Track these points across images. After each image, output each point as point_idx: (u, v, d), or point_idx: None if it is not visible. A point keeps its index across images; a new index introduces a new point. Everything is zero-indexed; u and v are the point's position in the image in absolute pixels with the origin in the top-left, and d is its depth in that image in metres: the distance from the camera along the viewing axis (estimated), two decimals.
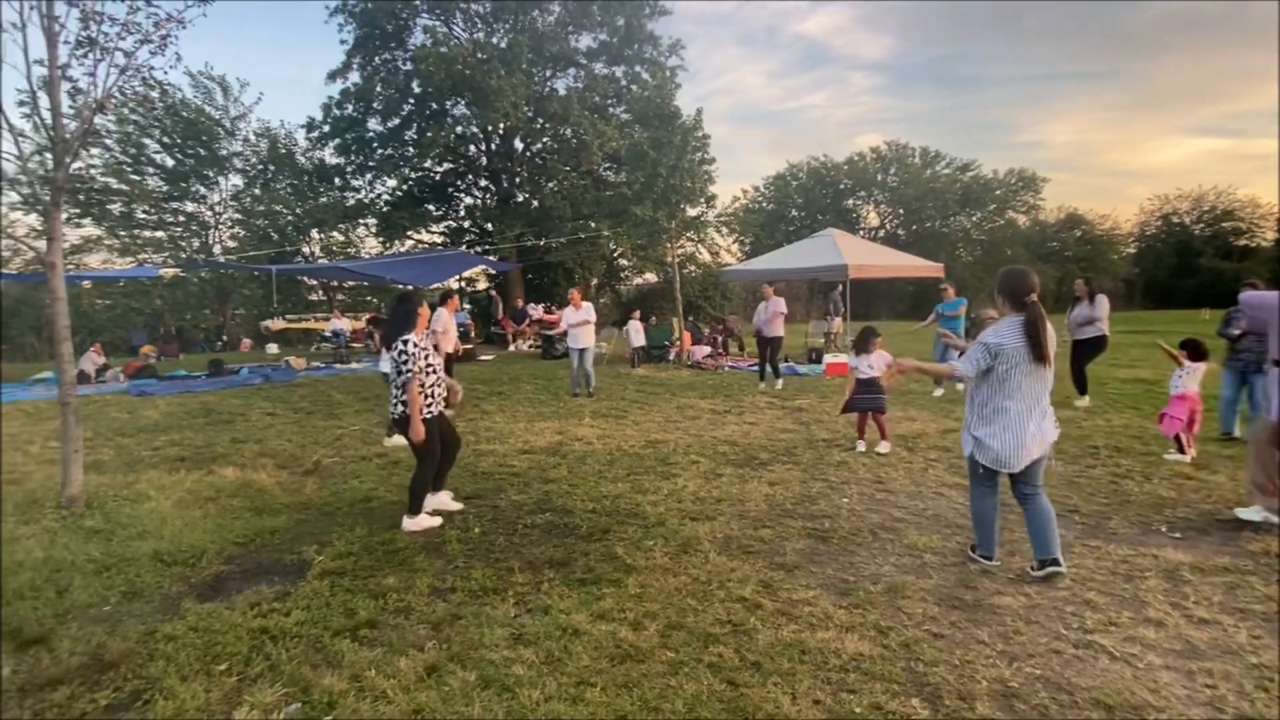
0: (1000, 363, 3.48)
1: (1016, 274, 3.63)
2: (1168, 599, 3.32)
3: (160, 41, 5.04)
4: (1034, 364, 3.46)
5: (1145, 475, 5.43)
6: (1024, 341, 3.44)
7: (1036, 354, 3.44)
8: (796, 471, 5.76)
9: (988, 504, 3.75)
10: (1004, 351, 3.47)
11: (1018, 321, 3.50)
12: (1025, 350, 3.45)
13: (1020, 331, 3.46)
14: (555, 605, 3.29)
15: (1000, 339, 3.49)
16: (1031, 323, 3.45)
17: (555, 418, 8.46)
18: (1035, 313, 3.46)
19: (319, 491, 5.45)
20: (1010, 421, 3.50)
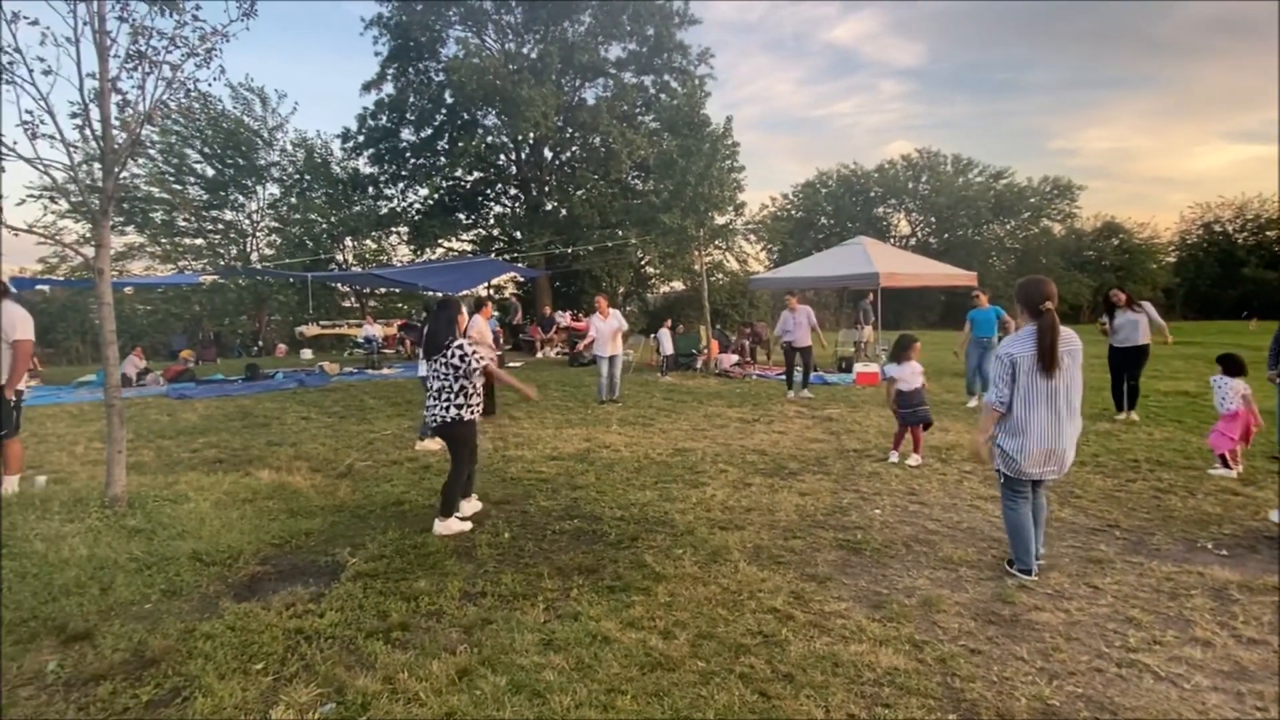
0: (1009, 370, 3.56)
1: (1031, 283, 3.64)
2: (1215, 618, 3.22)
3: (205, 54, 5.19)
4: (1042, 373, 3.48)
5: (1189, 490, 5.27)
6: (1034, 350, 3.48)
7: (1044, 362, 3.46)
8: (827, 482, 5.70)
9: (1018, 514, 3.71)
10: (1017, 361, 3.53)
11: (1032, 330, 3.54)
12: (1033, 359, 3.49)
13: (1032, 340, 3.50)
14: (585, 612, 3.29)
15: (1011, 349, 3.56)
16: (1043, 331, 3.47)
17: (583, 424, 8.49)
18: (1048, 321, 3.47)
19: (352, 494, 5.53)
20: (1022, 427, 3.54)
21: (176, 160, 24.23)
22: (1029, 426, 3.52)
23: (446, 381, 4.63)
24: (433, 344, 4.73)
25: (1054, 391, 3.50)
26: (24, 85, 4.67)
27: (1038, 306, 3.52)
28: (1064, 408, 3.52)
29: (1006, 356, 3.57)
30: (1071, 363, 3.53)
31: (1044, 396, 3.50)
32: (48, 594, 3.54)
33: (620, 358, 10.57)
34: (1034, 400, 3.51)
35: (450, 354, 4.60)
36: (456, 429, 4.66)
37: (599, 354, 10.46)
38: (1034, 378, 3.50)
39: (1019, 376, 3.53)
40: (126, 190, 21.87)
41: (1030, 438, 3.52)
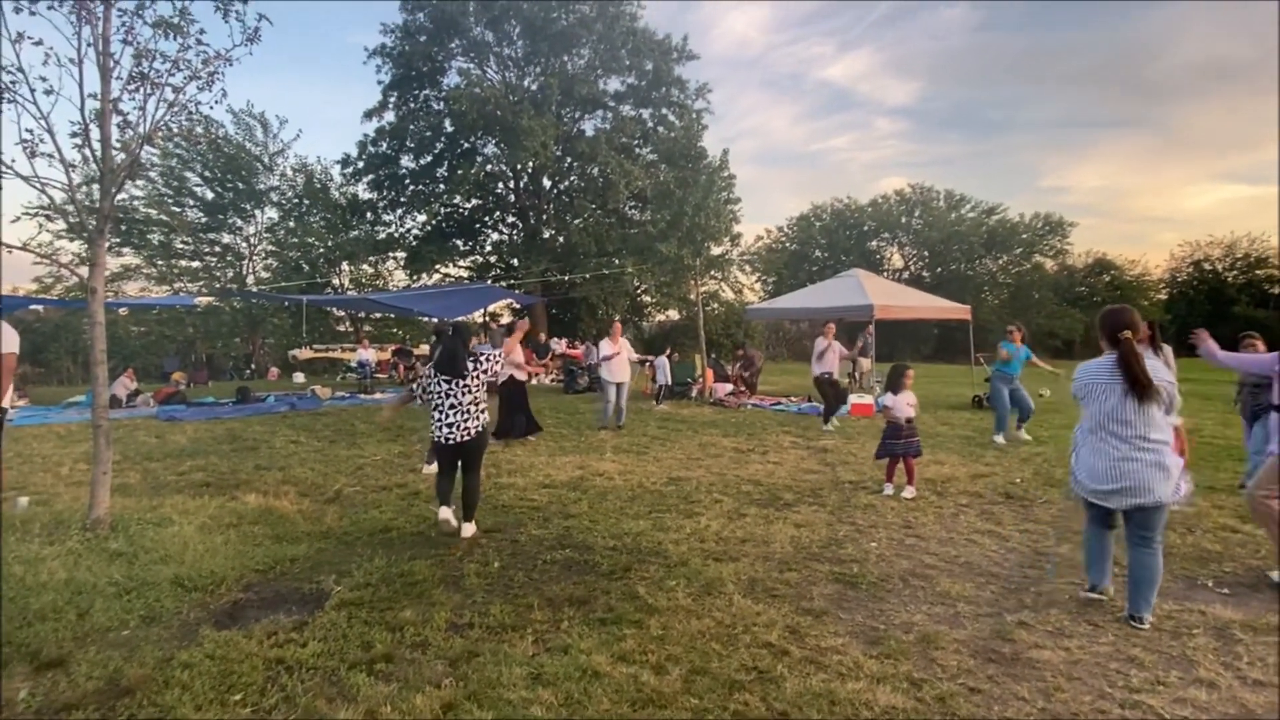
0: (1083, 396, 3.68)
1: (1107, 313, 3.74)
2: (1219, 658, 3.15)
3: (208, 78, 5.22)
4: (1122, 398, 3.52)
5: (1187, 527, 5.22)
6: (1110, 376, 3.56)
7: (1132, 387, 3.47)
8: (823, 513, 5.64)
9: (1090, 534, 3.83)
10: (1081, 385, 3.68)
11: (1110, 358, 3.61)
12: (1110, 385, 3.55)
13: (1109, 367, 3.57)
14: (575, 645, 3.20)
15: (1079, 375, 3.72)
16: (1123, 358, 3.52)
17: (576, 452, 8.41)
18: (1126, 349, 3.52)
19: (339, 521, 5.43)
20: (1088, 451, 3.65)
21: (176, 183, 24.37)
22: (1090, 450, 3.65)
23: (477, 395, 5.05)
24: (453, 366, 5.00)
25: (1122, 418, 3.52)
26: (25, 104, 4.69)
27: (1116, 335, 3.59)
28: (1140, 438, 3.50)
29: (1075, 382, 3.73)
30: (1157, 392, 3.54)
31: (1110, 422, 3.56)
32: (22, 619, 3.44)
33: (627, 385, 10.51)
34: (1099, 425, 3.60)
35: (481, 368, 5.05)
36: (483, 438, 5.14)
37: (606, 379, 10.37)
38: (1099, 403, 3.60)
39: (1088, 402, 3.65)
40: (124, 211, 21.93)
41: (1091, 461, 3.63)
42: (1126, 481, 3.50)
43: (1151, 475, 3.47)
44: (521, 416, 9.30)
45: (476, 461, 5.16)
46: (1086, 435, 3.68)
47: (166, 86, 5.06)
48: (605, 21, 23.18)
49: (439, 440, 5.01)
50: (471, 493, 5.07)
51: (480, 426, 5.05)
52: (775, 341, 33.66)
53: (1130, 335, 3.53)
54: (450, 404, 4.98)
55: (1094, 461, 3.60)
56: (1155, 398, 3.49)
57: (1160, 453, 3.50)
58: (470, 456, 5.11)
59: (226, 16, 5.22)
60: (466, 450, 5.05)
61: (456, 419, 4.97)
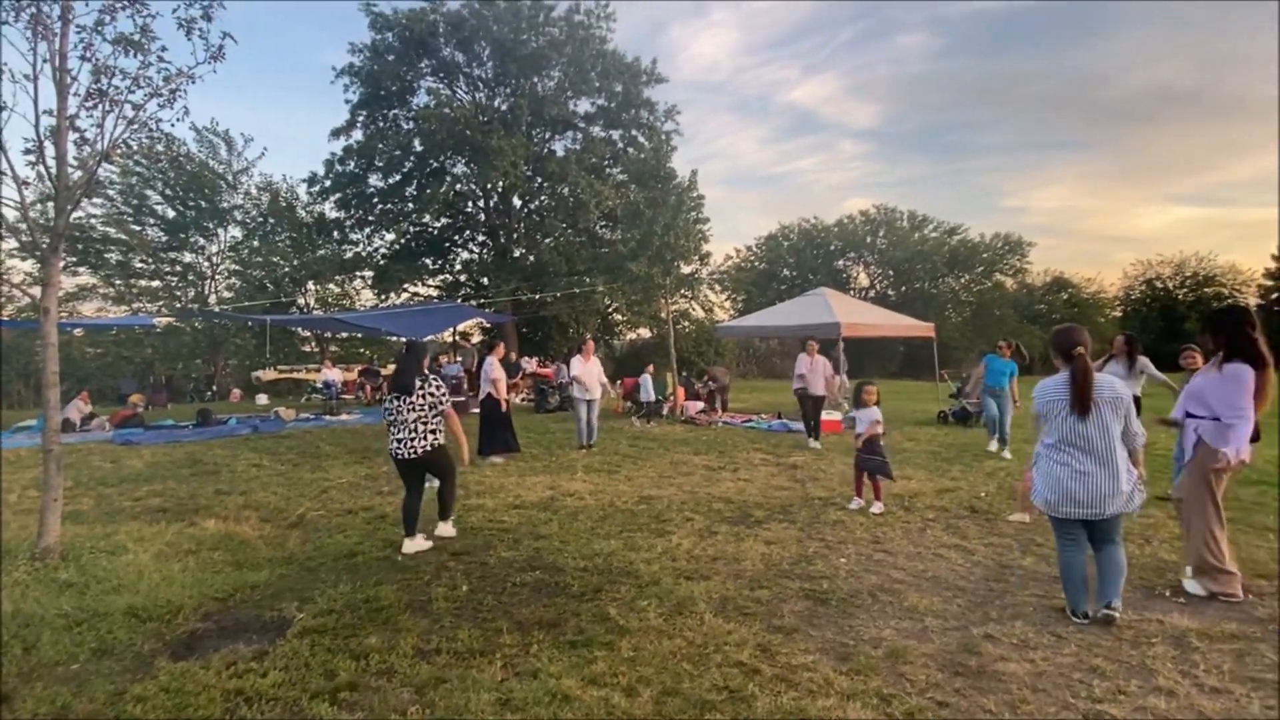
0: (1045, 414, 3.77)
1: (1061, 331, 3.88)
2: (1177, 667, 3.23)
3: (169, 95, 5.15)
4: (1075, 414, 3.64)
5: (1144, 538, 5.36)
6: (1065, 394, 3.67)
7: (1076, 404, 3.62)
8: (793, 530, 5.66)
9: (1067, 556, 3.83)
10: (1043, 403, 3.78)
11: (1064, 375, 3.72)
12: (1064, 402, 3.66)
13: (1066, 384, 3.68)
14: (545, 669, 3.16)
15: (1037, 394, 3.82)
16: (1074, 375, 3.65)
17: (547, 472, 8.35)
18: (1079, 365, 3.65)
19: (303, 546, 5.31)
20: (1055, 468, 3.70)
21: (136, 201, 23.83)
22: (1052, 465, 3.72)
23: (422, 414, 5.14)
24: (401, 383, 5.21)
25: (1082, 433, 3.63)
26: None
27: (1069, 352, 3.71)
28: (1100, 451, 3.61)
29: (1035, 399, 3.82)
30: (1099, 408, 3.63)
31: (1071, 437, 3.66)
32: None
33: (598, 403, 10.47)
34: (1060, 440, 3.70)
35: (428, 388, 5.15)
36: (436, 455, 5.22)
37: (577, 397, 10.32)
38: (1059, 418, 3.69)
39: (1050, 417, 3.74)
40: (81, 230, 21.38)
41: (1054, 476, 3.70)
42: (1094, 494, 3.61)
43: (1114, 486, 3.61)
44: (503, 433, 9.25)
45: (438, 473, 5.41)
46: (1050, 451, 3.75)
47: (126, 104, 4.98)
48: (575, 44, 23.39)
49: (391, 454, 5.27)
50: (444, 495, 5.44)
51: (429, 445, 5.14)
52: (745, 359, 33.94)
53: (1083, 352, 3.66)
54: (399, 420, 5.17)
55: (1061, 477, 3.67)
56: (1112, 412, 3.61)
57: (1120, 464, 3.63)
58: (428, 470, 5.36)
59: (189, 34, 5.16)
60: (417, 466, 5.23)
61: (404, 435, 5.13)
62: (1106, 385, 3.67)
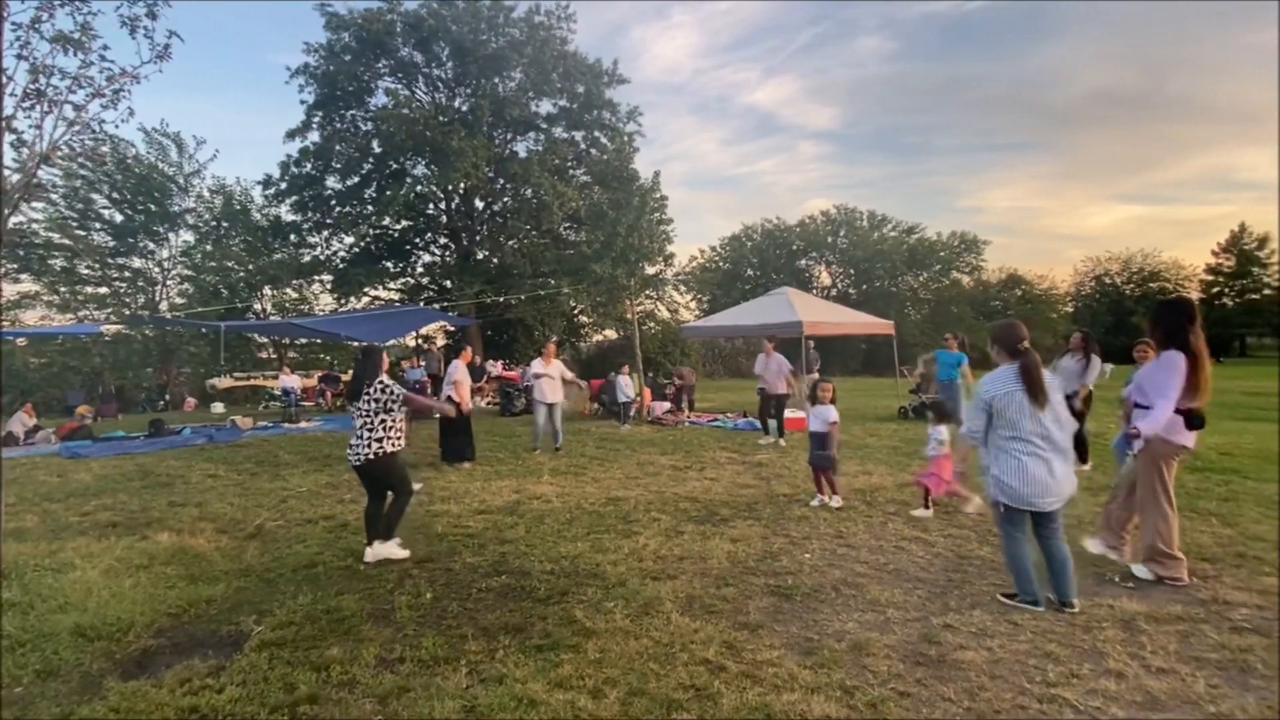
0: (997, 408, 3.77)
1: (1007, 326, 3.95)
2: (1126, 649, 3.34)
3: (113, 96, 4.98)
4: (1032, 407, 3.70)
5: (1096, 526, 5.52)
6: (1019, 386, 3.72)
7: (1033, 398, 3.69)
8: (758, 527, 5.71)
9: (1020, 547, 3.88)
10: (996, 399, 3.77)
11: (1012, 369, 3.77)
12: (1021, 395, 3.71)
13: (1015, 377, 3.74)
14: (510, 674, 3.13)
15: (989, 389, 3.80)
16: (1027, 368, 3.72)
17: (513, 476, 8.28)
18: (1030, 359, 3.72)
19: (261, 557, 5.18)
20: (1020, 461, 3.74)
21: (81, 205, 22.98)
22: (1021, 459, 3.75)
23: (368, 419, 4.96)
24: (354, 389, 5.10)
25: (1039, 426, 3.72)
26: None
27: (1016, 346, 3.77)
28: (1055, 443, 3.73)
29: (985, 396, 3.82)
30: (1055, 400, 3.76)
31: (1030, 430, 3.72)
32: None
33: (560, 406, 10.43)
34: (1022, 434, 3.74)
35: (373, 390, 4.95)
36: (377, 465, 4.96)
37: (537, 400, 10.29)
38: (1017, 412, 3.73)
39: (1006, 413, 3.75)
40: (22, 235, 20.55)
41: (1027, 470, 3.74)
42: (1053, 484, 3.72)
43: (1067, 475, 3.76)
44: (458, 439, 9.14)
45: (383, 486, 5.09)
46: (1013, 444, 3.76)
47: (66, 104, 4.81)
48: (536, 45, 23.26)
49: None
50: (387, 514, 5.08)
51: (372, 453, 4.94)
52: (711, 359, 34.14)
53: (1030, 346, 3.77)
54: (353, 426, 5.07)
55: (1031, 469, 3.72)
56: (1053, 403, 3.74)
57: (1067, 453, 3.76)
58: (369, 482, 5.11)
59: (133, 33, 5.00)
60: (363, 475, 5.08)
61: (353, 441, 5.03)
62: (1048, 377, 3.81)
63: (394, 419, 5.04)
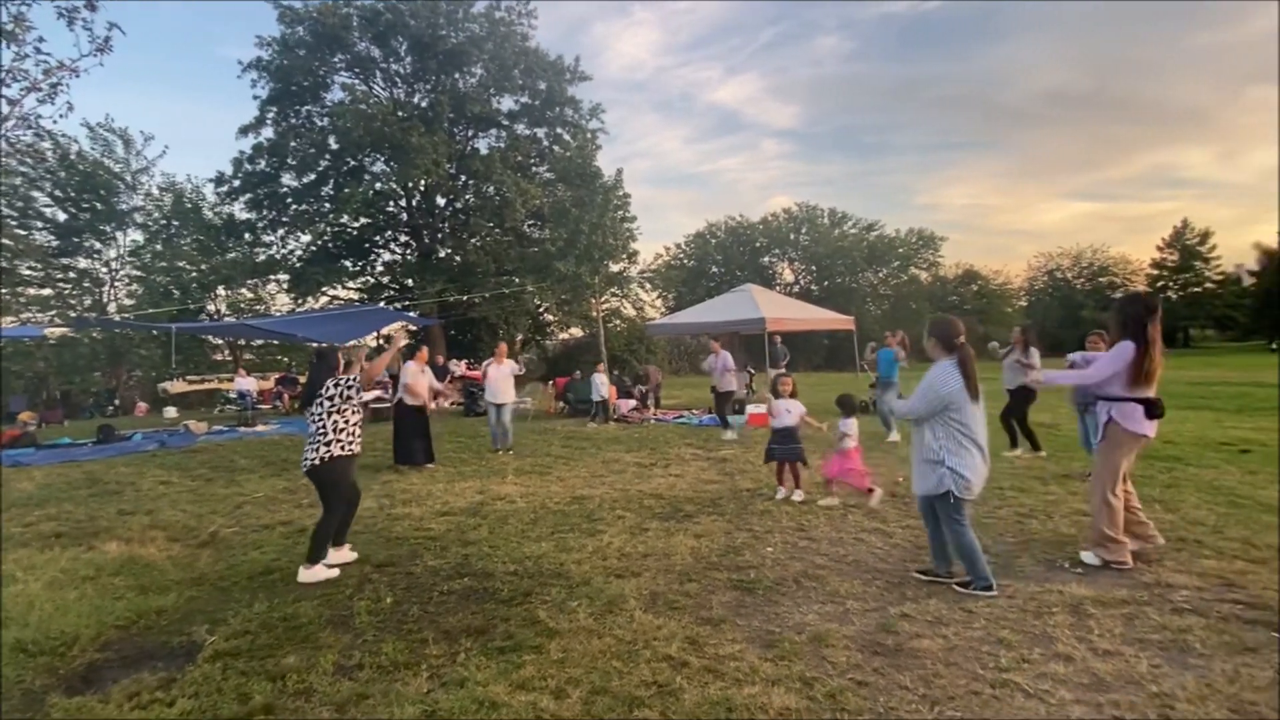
0: (955, 404, 3.86)
1: (945, 322, 4.02)
2: (1074, 633, 3.45)
3: (50, 90, 4.80)
4: (972, 401, 3.83)
5: (1047, 514, 5.70)
6: (963, 381, 3.83)
7: (972, 391, 3.82)
8: (721, 522, 5.76)
9: (971, 536, 4.00)
10: (952, 393, 3.86)
11: (950, 364, 3.87)
12: (963, 389, 3.83)
13: (958, 372, 3.84)
14: (472, 677, 3.10)
15: (948, 385, 3.87)
16: (965, 363, 3.83)
17: (476, 476, 8.21)
18: (966, 354, 3.83)
19: (215, 565, 5.04)
20: (973, 455, 3.89)
21: (21, 203, 22.05)
22: (976, 452, 3.88)
23: (320, 423, 4.73)
24: (308, 394, 4.84)
25: (979, 419, 3.88)
26: None
27: (954, 342, 3.86)
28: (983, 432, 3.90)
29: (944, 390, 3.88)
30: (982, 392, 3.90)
31: (977, 424, 3.88)
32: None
33: (510, 406, 10.35)
34: (975, 427, 3.87)
35: (324, 390, 4.72)
36: (325, 471, 4.71)
37: (490, 401, 10.26)
38: (967, 406, 3.84)
39: (959, 407, 3.85)
40: None
41: (980, 462, 3.90)
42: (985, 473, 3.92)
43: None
44: (410, 443, 8.95)
45: (324, 495, 4.80)
46: (962, 439, 3.87)
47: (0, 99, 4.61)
48: (496, 40, 23.04)
49: None
50: (318, 529, 4.70)
51: (318, 459, 4.69)
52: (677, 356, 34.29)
53: (965, 341, 3.87)
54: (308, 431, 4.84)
55: (978, 461, 3.89)
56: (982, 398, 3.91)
57: None
58: (317, 487, 4.84)
59: (71, 25, 4.82)
60: (311, 478, 4.83)
61: (306, 446, 4.81)
62: None
63: (346, 419, 4.79)
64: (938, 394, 3.91)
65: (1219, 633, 3.40)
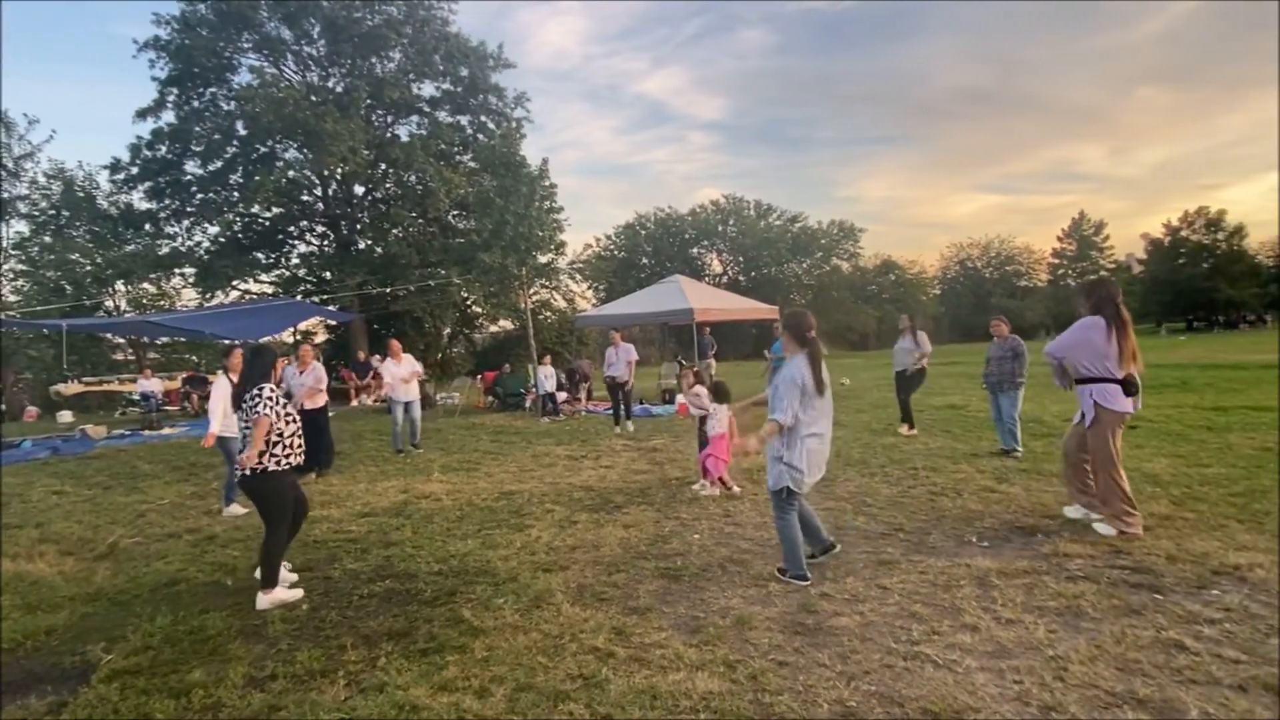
0: (804, 395, 3.88)
1: (799, 315, 4.03)
2: (980, 604, 3.63)
3: None
4: (816, 394, 3.87)
5: (957, 491, 5.99)
6: (809, 375, 3.85)
7: (817, 385, 3.86)
8: (650, 512, 5.80)
9: (795, 529, 4.06)
10: (806, 385, 3.87)
11: (804, 357, 3.89)
12: (811, 383, 3.85)
13: (807, 365, 3.86)
14: (392, 681, 3.02)
15: (800, 376, 3.86)
16: (814, 357, 3.86)
17: (400, 475, 7.98)
18: (816, 349, 3.87)
19: (114, 578, 4.73)
20: (813, 447, 3.91)
21: None
22: (814, 446, 3.90)
23: (249, 431, 4.26)
24: (238, 394, 4.41)
25: (822, 411, 3.93)
26: None
27: (805, 335, 3.89)
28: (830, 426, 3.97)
29: (800, 383, 3.86)
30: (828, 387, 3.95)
31: (818, 417, 3.92)
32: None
33: (416, 403, 9.98)
34: (815, 421, 3.91)
35: (250, 404, 4.26)
36: (259, 482, 4.21)
37: (394, 399, 9.84)
38: (810, 400, 3.87)
39: (804, 398, 3.87)
40: None
41: (816, 455, 3.92)
42: (827, 462, 4.01)
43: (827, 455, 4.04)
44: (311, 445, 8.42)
45: (264, 510, 4.26)
46: (806, 429, 3.88)
47: None
48: (415, 24, 22.30)
49: None
50: (266, 549, 4.17)
51: (249, 468, 4.17)
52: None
53: (816, 335, 3.92)
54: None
55: (815, 452, 3.91)
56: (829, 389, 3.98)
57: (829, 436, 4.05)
58: (254, 501, 4.33)
59: None
60: (245, 489, 4.29)
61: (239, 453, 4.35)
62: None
63: (279, 431, 4.23)
64: (797, 389, 3.85)
65: (1108, 597, 3.65)
